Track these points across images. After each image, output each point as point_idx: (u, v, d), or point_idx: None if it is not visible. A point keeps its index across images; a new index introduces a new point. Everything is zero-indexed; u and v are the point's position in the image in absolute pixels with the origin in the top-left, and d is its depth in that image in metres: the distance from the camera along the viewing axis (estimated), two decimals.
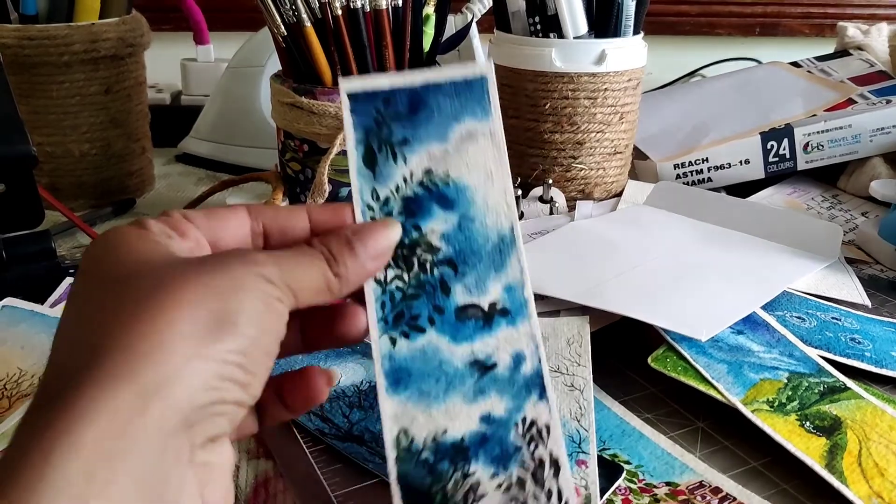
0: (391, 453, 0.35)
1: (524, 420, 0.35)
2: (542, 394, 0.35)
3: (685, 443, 0.42)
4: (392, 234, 0.34)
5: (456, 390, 0.35)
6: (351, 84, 0.36)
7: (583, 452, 0.41)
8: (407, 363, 0.35)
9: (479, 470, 0.35)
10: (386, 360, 0.35)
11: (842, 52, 0.90)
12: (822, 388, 0.45)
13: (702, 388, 0.44)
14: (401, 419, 0.35)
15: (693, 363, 0.46)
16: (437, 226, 0.36)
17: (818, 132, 0.76)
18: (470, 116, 0.36)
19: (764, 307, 0.52)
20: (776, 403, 0.43)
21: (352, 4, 0.57)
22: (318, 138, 0.60)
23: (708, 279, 0.55)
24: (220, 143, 0.88)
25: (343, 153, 0.60)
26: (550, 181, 0.70)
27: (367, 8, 0.58)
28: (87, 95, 0.74)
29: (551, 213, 0.69)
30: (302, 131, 0.61)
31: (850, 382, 0.46)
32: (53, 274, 0.56)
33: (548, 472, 0.35)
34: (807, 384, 0.45)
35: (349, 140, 0.36)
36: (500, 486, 0.35)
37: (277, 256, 0.30)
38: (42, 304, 0.52)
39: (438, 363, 0.35)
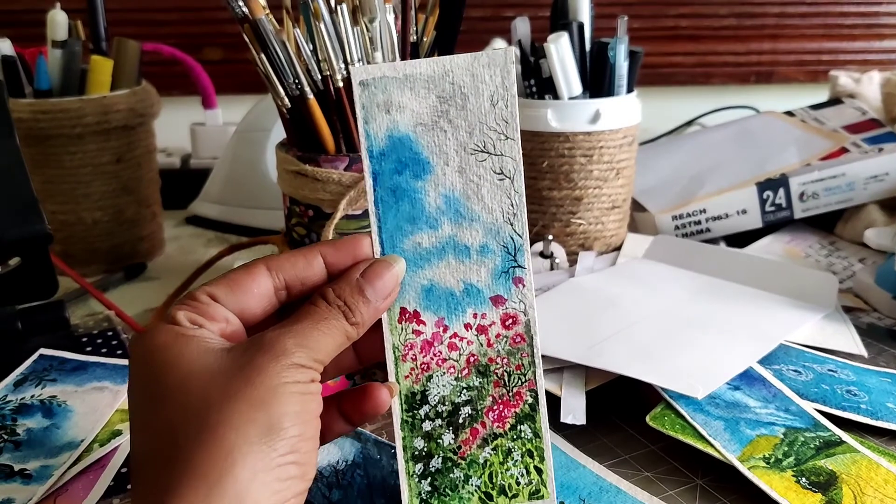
0: None
1: None
2: None
3: (684, 501, 0.43)
4: (398, 270, 0.36)
5: None
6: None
7: (519, 267, 0.36)
8: None
9: None
10: None
11: (834, 101, 0.91)
12: (817, 443, 0.46)
13: (699, 445, 0.45)
14: None
15: (690, 421, 0.47)
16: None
17: (813, 181, 0.78)
18: None
19: (761, 361, 0.53)
20: (772, 459, 0.44)
21: None
22: (322, 204, 0.62)
23: (705, 334, 0.56)
24: (229, 206, 0.90)
25: (346, 218, 0.62)
26: (550, 237, 0.71)
27: None
28: (98, 165, 0.77)
29: (552, 268, 0.70)
30: (307, 197, 0.63)
31: (845, 436, 0.47)
32: (68, 344, 0.57)
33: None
34: (803, 439, 0.46)
35: None
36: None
37: (301, 334, 0.33)
38: None
39: None
